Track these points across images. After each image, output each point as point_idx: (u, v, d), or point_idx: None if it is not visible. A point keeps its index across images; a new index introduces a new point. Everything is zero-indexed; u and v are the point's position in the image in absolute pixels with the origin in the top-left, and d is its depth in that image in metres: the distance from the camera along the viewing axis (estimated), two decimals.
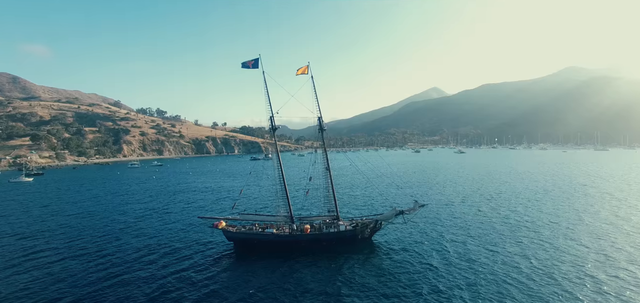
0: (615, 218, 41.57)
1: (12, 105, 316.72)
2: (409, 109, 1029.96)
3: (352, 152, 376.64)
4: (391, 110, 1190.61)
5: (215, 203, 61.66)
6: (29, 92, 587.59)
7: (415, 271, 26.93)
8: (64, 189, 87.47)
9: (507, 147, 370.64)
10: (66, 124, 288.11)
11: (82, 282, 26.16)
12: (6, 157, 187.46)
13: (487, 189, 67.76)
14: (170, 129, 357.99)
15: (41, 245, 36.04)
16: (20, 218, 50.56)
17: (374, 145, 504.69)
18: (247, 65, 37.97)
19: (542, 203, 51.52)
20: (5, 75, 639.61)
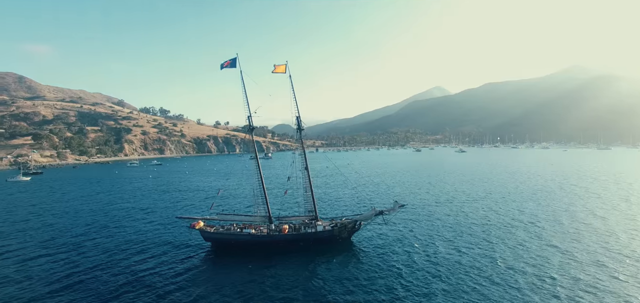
0: (591, 219, 41.05)
1: (15, 104, 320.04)
2: (412, 108, 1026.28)
3: (353, 151, 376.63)
4: (394, 109, 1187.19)
5: (203, 202, 61.82)
6: (35, 91, 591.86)
7: (391, 272, 26.79)
8: (57, 188, 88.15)
9: (509, 146, 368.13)
10: (68, 123, 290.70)
11: (45, 282, 26.13)
12: (7, 156, 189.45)
13: (475, 189, 67.20)
14: (172, 128, 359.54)
15: (14, 245, 36.16)
16: (1, 217, 51.04)
17: (375, 144, 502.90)
18: (225, 66, 37.96)
19: (524, 204, 50.96)
20: (11, 75, 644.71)
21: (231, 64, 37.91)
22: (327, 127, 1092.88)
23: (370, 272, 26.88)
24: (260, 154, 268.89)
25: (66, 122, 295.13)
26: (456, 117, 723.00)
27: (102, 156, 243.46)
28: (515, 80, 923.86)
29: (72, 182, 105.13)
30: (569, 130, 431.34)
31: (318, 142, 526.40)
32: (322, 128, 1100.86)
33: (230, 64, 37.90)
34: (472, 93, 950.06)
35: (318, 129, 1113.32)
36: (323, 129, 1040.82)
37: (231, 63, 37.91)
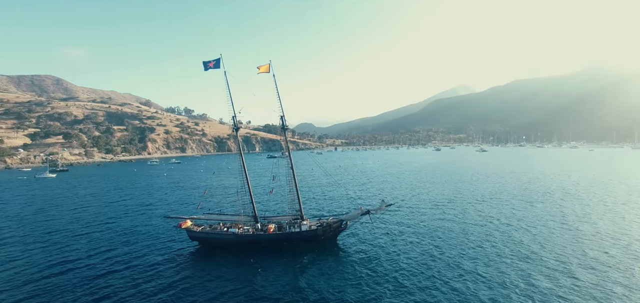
0: (583, 225, 39.00)
1: (51, 105, 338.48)
2: (435, 106, 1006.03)
3: (372, 150, 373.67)
4: (417, 108, 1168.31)
5: (206, 200, 63.23)
6: (70, 92, 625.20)
7: (374, 272, 26.77)
8: (75, 185, 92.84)
9: (535, 145, 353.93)
10: (97, 123, 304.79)
11: (24, 274, 27.76)
12: (41, 154, 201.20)
13: (477, 190, 65.09)
14: (194, 128, 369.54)
15: (10, 234, 38.75)
16: (12, 211, 54.59)
17: (396, 143, 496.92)
18: (209, 66, 38.57)
19: (519, 208, 49.00)
20: (50, 78, 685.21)
21: (215, 65, 38.40)
22: (349, 126, 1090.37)
23: (352, 271, 26.93)
24: (277, 153, 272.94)
25: (95, 121, 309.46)
26: (481, 115, 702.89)
27: (126, 154, 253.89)
28: (544, 77, 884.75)
29: (92, 179, 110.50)
30: (600, 129, 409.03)
31: (338, 141, 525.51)
32: (344, 127, 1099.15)
33: (214, 64, 38.44)
34: (498, 90, 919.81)
35: (339, 128, 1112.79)
36: (345, 128, 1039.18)
37: (215, 63, 38.36)
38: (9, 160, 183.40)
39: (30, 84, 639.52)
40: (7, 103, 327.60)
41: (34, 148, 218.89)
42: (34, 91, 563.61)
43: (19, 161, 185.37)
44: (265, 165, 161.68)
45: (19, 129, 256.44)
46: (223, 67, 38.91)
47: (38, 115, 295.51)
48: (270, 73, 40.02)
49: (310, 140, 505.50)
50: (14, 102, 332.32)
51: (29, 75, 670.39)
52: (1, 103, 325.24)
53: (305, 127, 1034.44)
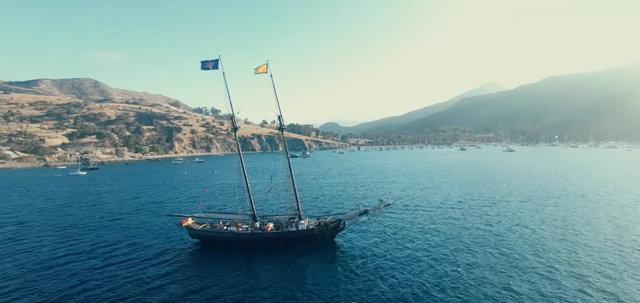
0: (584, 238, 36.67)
1: (87, 106, 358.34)
2: (463, 105, 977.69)
3: (395, 149, 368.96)
4: (444, 107, 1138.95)
5: (213, 199, 65.16)
6: (106, 94, 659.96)
7: (370, 272, 26.59)
8: (100, 182, 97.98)
9: (568, 145, 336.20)
10: (128, 123, 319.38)
11: (30, 267, 29.58)
12: (76, 153, 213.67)
13: (491, 191, 62.06)
14: (219, 127, 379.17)
15: (26, 230, 41.90)
16: (39, 205, 58.69)
17: (420, 142, 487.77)
18: (207, 66, 39.33)
19: (524, 212, 46.69)
20: (89, 81, 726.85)
21: (214, 66, 39.01)
22: (374, 126, 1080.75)
23: (347, 270, 26.97)
24: (299, 153, 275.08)
25: (126, 121, 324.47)
26: (510, 113, 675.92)
27: (154, 153, 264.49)
28: (579, 73, 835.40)
29: (116, 177, 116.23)
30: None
31: (361, 141, 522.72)
32: (369, 126, 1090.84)
33: (213, 65, 39.05)
34: (530, 88, 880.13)
35: (364, 127, 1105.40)
36: (370, 127, 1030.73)
37: (214, 64, 38.94)
38: (48, 158, 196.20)
39: (72, 86, 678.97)
40: (50, 105, 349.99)
41: (70, 147, 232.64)
42: (74, 93, 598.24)
43: (56, 159, 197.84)
44: (284, 164, 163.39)
45: (59, 129, 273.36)
46: (221, 69, 39.48)
47: (75, 116, 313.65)
48: (267, 73, 40.49)
49: (333, 139, 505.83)
50: (55, 104, 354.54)
51: (71, 79, 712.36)
52: (44, 105, 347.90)
53: (330, 126, 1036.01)
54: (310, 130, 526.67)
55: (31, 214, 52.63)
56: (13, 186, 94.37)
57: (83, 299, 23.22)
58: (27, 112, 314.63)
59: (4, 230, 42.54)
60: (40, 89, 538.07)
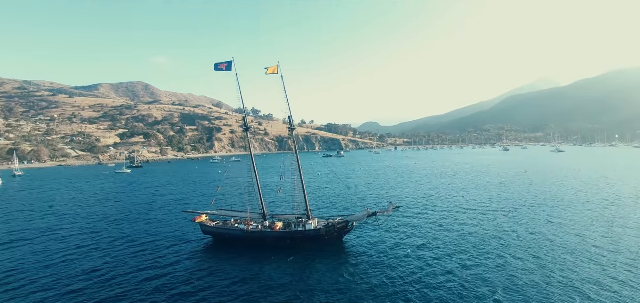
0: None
1: (136, 108, 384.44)
2: (510, 102, 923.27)
3: (434, 149, 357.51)
4: (489, 105, 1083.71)
5: (230, 197, 66.86)
6: (155, 96, 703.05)
7: (377, 275, 26.17)
8: (140, 180, 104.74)
9: (632, 146, 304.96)
10: (173, 124, 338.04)
11: (53, 255, 32.33)
12: (125, 151, 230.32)
13: (522, 196, 58.13)
14: (257, 127, 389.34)
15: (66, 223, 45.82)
16: (79, 199, 64.05)
17: (460, 142, 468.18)
18: (220, 68, 40.73)
19: (552, 219, 43.02)
20: (140, 84, 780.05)
21: (227, 67, 40.24)
22: (415, 125, 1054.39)
23: (352, 271, 26.90)
24: (333, 153, 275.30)
25: (171, 122, 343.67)
26: (564, 111, 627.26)
27: (195, 153, 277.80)
28: None
29: (156, 175, 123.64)
30: None
31: (399, 141, 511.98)
32: (409, 126, 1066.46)
33: (226, 67, 40.32)
34: (588, 83, 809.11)
35: (404, 126, 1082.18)
36: (410, 127, 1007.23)
37: (227, 66, 40.16)
38: (102, 156, 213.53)
39: (126, 90, 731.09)
40: (106, 107, 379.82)
41: (121, 146, 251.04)
42: (128, 96, 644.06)
43: (108, 158, 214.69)
44: (313, 163, 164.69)
45: (112, 130, 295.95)
46: (234, 70, 40.46)
47: (127, 118, 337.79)
48: (278, 74, 41.20)
49: (371, 139, 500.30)
50: (110, 107, 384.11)
51: (125, 83, 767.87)
52: (101, 107, 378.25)
53: (369, 126, 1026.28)
54: (348, 129, 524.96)
55: (73, 207, 57.66)
56: (68, 182, 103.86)
57: (88, 284, 25.15)
58: (87, 114, 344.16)
59: (46, 221, 47.07)
60: (100, 93, 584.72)
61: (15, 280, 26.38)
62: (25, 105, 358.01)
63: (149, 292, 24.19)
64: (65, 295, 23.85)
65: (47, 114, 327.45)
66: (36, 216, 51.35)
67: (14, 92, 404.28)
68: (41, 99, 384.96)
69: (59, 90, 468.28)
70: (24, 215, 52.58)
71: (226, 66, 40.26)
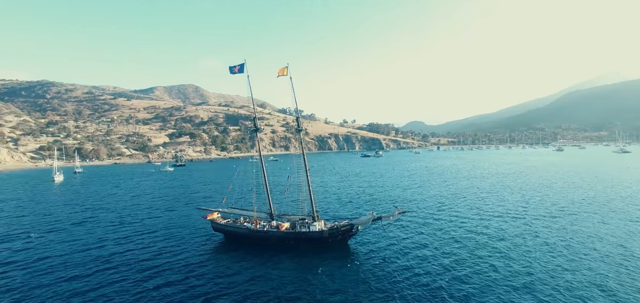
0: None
1: (185, 110, 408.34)
2: (570, 99, 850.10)
3: (478, 149, 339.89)
4: (545, 102, 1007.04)
5: (244, 196, 68.84)
6: (204, 98, 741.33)
7: (378, 279, 25.85)
8: (178, 178, 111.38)
9: None
10: (217, 124, 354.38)
11: (80, 246, 35.48)
12: (172, 150, 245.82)
13: (557, 200, 53.08)
14: None
15: (99, 216, 50.14)
16: (120, 194, 69.56)
17: (511, 142, 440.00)
18: (234, 71, 42.36)
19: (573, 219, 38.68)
20: (191, 86, 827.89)
21: (240, 70, 41.84)
22: (462, 124, 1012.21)
23: (354, 276, 26.63)
24: (371, 152, 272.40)
25: (216, 122, 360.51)
26: (634, 107, 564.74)
27: (237, 152, 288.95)
28: None
29: (193, 173, 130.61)
30: None
31: (443, 140, 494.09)
32: (456, 125, 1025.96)
33: (239, 69, 41.97)
34: None
35: (451, 126, 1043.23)
36: (457, 126, 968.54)
37: (240, 68, 41.77)
38: (151, 155, 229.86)
39: (178, 92, 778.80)
40: (158, 109, 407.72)
41: (169, 146, 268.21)
42: (180, 98, 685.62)
43: (156, 156, 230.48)
44: (347, 163, 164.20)
45: (162, 130, 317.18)
46: (246, 72, 41.75)
47: (175, 119, 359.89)
48: (287, 76, 42.08)
49: (413, 139, 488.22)
50: (162, 108, 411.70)
51: (177, 85, 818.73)
52: (154, 109, 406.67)
53: (414, 125, 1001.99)
54: (390, 129, 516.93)
55: (109, 202, 62.84)
56: (116, 178, 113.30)
57: (97, 271, 27.56)
58: (141, 116, 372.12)
59: (82, 215, 51.89)
60: (155, 95, 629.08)
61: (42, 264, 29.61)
62: (91, 108, 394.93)
63: (140, 280, 25.85)
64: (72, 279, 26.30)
65: (108, 115, 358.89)
66: (79, 209, 56.80)
67: (82, 97, 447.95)
68: (104, 102, 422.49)
69: (119, 94, 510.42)
70: (69, 207, 58.34)
71: (239, 68, 41.78)
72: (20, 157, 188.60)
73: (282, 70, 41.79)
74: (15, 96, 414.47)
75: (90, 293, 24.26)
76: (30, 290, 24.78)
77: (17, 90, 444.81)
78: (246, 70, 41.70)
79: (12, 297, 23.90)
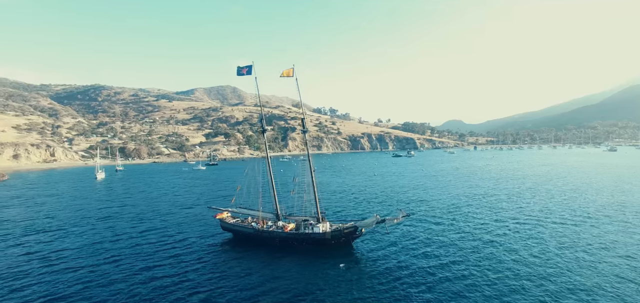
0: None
1: (221, 110, 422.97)
2: (628, 94, 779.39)
3: (518, 149, 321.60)
4: (599, 98, 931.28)
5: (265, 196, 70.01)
6: (241, 98, 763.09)
7: (380, 282, 25.78)
8: (205, 177, 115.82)
9: None
10: (252, 124, 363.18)
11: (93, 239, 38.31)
12: (208, 150, 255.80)
13: (589, 204, 49.24)
14: (330, 127, 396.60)
15: (122, 212, 53.44)
16: (148, 191, 73.61)
17: (557, 141, 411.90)
18: (242, 72, 43.44)
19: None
20: (229, 87, 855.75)
21: (248, 71, 42.81)
22: (504, 123, 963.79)
23: (355, 279, 26.58)
24: (402, 152, 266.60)
25: (250, 122, 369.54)
26: None
27: (270, 151, 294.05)
28: None
29: (221, 172, 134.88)
30: None
31: (481, 139, 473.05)
32: (498, 124, 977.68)
33: (247, 71, 42.91)
34: None
35: (492, 124, 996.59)
36: (498, 124, 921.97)
37: (248, 70, 42.73)
38: (187, 154, 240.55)
39: (216, 93, 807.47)
40: (196, 110, 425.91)
41: (205, 145, 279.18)
42: (218, 99, 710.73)
43: (192, 155, 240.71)
44: (379, 163, 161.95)
45: (199, 130, 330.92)
46: (254, 74, 42.81)
47: (212, 119, 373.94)
48: (293, 77, 42.63)
49: (449, 138, 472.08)
50: (200, 109, 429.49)
51: (216, 87, 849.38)
52: (193, 110, 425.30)
53: (451, 124, 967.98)
54: (425, 128, 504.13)
55: (137, 199, 66.73)
56: (150, 177, 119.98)
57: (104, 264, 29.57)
58: (181, 116, 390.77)
59: (108, 210, 55.56)
60: (195, 97, 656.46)
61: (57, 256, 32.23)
62: (136, 109, 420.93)
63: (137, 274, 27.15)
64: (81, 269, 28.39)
65: (151, 116, 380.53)
66: (108, 204, 60.85)
67: (129, 99, 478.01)
68: (148, 104, 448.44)
69: (162, 96, 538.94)
70: (100, 203, 62.62)
71: (247, 70, 42.86)
72: (72, 155, 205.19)
73: (287, 71, 42.30)
74: (72, 99, 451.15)
75: (88, 285, 25.93)
76: (39, 276, 27.02)
77: (74, 94, 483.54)
78: (254, 71, 42.62)
79: (20, 283, 26.19)
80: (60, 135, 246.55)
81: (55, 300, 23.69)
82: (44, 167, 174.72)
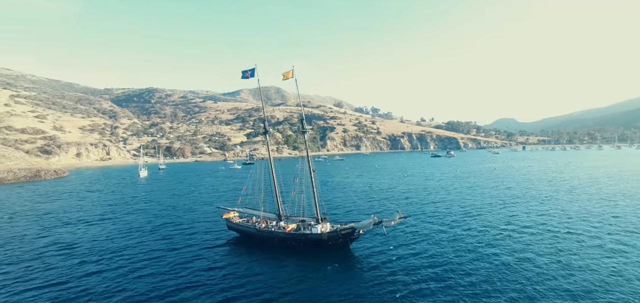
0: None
1: (262, 111, 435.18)
2: None
3: (572, 149, 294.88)
4: None
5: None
6: (284, 99, 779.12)
7: (378, 283, 25.74)
8: (238, 175, 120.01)
9: None
10: (292, 123, 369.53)
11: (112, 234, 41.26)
12: (247, 149, 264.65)
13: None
14: (370, 126, 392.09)
15: (149, 208, 57.09)
16: (178, 188, 77.86)
17: (622, 140, 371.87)
18: (246, 76, 44.77)
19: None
20: (273, 88, 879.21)
21: (251, 74, 43.99)
22: (562, 121, 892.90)
23: (351, 280, 26.77)
24: (442, 152, 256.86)
25: (290, 122, 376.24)
26: None
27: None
28: None
29: (259, 170, 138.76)
30: None
31: (532, 139, 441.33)
32: (555, 122, 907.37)
33: (250, 74, 44.11)
34: None
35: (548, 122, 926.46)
36: (555, 122, 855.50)
37: (251, 73, 43.80)
38: (227, 154, 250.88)
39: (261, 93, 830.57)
40: (239, 110, 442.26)
41: (246, 145, 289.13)
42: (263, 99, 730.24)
43: (232, 155, 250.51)
44: (415, 163, 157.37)
45: (241, 130, 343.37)
46: (257, 76, 44.13)
47: (254, 119, 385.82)
48: (293, 78, 43.32)
49: (497, 138, 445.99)
50: (242, 110, 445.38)
51: (262, 87, 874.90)
52: (236, 110, 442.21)
53: (502, 123, 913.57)
54: (471, 127, 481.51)
55: (166, 196, 70.93)
56: (189, 175, 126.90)
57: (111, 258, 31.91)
58: (225, 117, 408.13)
59: (137, 206, 59.73)
60: (240, 98, 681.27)
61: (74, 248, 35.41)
62: (184, 110, 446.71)
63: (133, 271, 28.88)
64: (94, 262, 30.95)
65: (197, 117, 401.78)
66: (138, 200, 65.33)
67: (178, 101, 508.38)
68: (195, 105, 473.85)
69: (208, 97, 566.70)
70: (133, 199, 67.50)
71: (250, 73, 44.11)
72: (124, 154, 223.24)
73: (287, 73, 43.00)
74: (129, 102, 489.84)
75: (90, 277, 28.21)
76: (47, 271, 29.78)
77: (131, 97, 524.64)
78: (256, 74, 43.74)
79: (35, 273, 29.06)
80: (117, 135, 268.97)
81: (51, 285, 26.00)
82: (101, 164, 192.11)
